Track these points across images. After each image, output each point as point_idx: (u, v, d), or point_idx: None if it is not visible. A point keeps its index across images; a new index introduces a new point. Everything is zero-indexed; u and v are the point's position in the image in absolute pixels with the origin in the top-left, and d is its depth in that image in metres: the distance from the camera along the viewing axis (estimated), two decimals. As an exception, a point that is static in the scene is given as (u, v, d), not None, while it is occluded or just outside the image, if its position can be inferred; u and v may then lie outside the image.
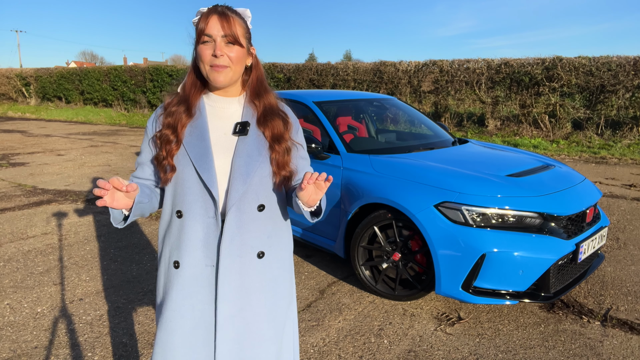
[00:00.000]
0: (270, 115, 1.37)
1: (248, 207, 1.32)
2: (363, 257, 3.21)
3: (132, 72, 18.57)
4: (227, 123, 1.36)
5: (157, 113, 1.40)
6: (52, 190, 6.17)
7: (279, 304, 1.41)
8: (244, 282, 1.33)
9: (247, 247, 1.33)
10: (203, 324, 1.33)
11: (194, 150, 1.30)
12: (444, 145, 3.84)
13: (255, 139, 1.34)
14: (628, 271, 3.53)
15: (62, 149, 10.02)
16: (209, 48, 1.26)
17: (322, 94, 4.19)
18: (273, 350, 1.39)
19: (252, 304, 1.34)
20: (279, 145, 1.35)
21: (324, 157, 3.49)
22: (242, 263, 1.32)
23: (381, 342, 2.60)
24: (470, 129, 11.92)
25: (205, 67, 1.28)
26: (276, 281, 1.40)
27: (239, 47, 1.29)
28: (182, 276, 1.32)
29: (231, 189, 1.30)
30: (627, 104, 10.08)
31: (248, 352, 1.35)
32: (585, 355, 2.47)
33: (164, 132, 1.33)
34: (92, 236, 4.36)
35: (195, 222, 1.31)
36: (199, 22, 1.28)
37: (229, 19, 1.26)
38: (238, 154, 1.31)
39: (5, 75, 23.08)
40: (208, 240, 1.31)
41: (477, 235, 2.63)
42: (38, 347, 2.53)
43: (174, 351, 1.32)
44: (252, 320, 1.34)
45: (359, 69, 13.58)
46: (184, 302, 1.32)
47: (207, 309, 1.33)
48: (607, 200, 5.60)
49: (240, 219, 1.31)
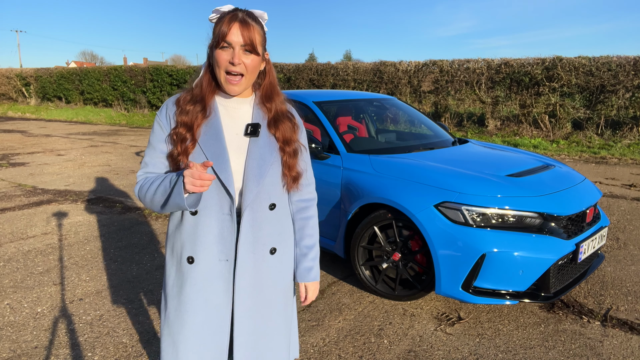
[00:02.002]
0: (280, 118, 1.42)
1: (261, 206, 1.38)
2: (363, 257, 3.21)
3: (132, 72, 18.57)
4: (238, 123, 1.40)
5: (168, 107, 1.39)
6: (52, 190, 6.17)
7: (289, 297, 1.50)
8: (259, 277, 1.40)
9: (260, 245, 1.39)
10: (216, 317, 1.37)
11: (210, 150, 1.33)
12: (444, 145, 3.84)
13: (266, 141, 1.39)
14: (628, 271, 3.53)
15: (62, 149, 10.02)
16: (227, 54, 1.29)
17: (322, 94, 4.19)
18: (285, 342, 1.48)
19: (266, 298, 1.42)
20: (288, 147, 1.41)
21: (324, 157, 3.49)
22: (256, 259, 1.39)
23: (381, 342, 2.61)
24: (470, 129, 11.92)
25: (221, 73, 1.31)
26: (286, 275, 1.48)
27: (256, 55, 1.32)
28: (197, 271, 1.36)
29: (246, 189, 1.35)
30: (627, 104, 10.08)
31: (263, 345, 1.42)
32: (585, 355, 2.47)
33: (179, 130, 1.34)
34: (92, 236, 4.36)
35: (210, 218, 1.35)
36: (220, 26, 1.29)
37: (250, 28, 1.29)
38: (251, 155, 1.36)
39: (5, 75, 23.08)
40: (223, 236, 1.35)
41: (477, 235, 2.63)
42: (38, 347, 2.53)
43: (186, 343, 1.37)
44: (268, 313, 1.42)
45: (359, 69, 13.58)
46: (197, 296, 1.36)
47: (221, 302, 1.37)
48: (607, 200, 5.60)
49: (254, 218, 1.37)
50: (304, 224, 1.53)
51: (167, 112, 1.39)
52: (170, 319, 1.40)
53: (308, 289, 1.54)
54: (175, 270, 1.41)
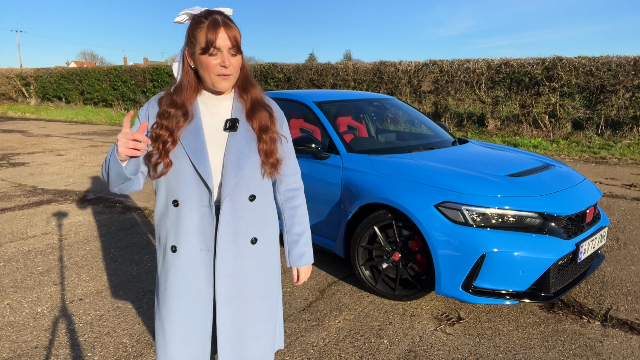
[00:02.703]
0: (257, 108, 1.48)
1: (240, 198, 1.44)
2: (363, 257, 3.21)
3: (132, 72, 18.57)
4: (218, 119, 1.46)
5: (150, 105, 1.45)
6: (52, 190, 6.17)
7: (273, 284, 1.56)
8: (240, 266, 1.46)
9: (241, 235, 1.45)
10: (198, 305, 1.45)
11: (190, 146, 1.40)
12: (444, 145, 3.84)
13: (244, 134, 1.45)
14: (628, 271, 3.53)
15: (62, 149, 10.02)
16: (217, 59, 1.34)
17: (322, 94, 4.19)
18: (269, 327, 1.54)
19: (248, 286, 1.48)
20: (265, 135, 1.46)
21: (324, 157, 3.49)
22: (237, 249, 1.45)
23: (381, 342, 2.61)
24: (470, 129, 11.92)
25: (212, 76, 1.36)
26: (268, 264, 1.54)
27: (240, 54, 1.39)
28: (179, 259, 1.43)
29: (224, 181, 1.41)
30: (627, 104, 10.08)
31: (247, 330, 1.49)
32: (585, 355, 2.47)
33: (161, 133, 1.39)
34: (92, 236, 4.36)
35: (191, 210, 1.41)
36: (203, 33, 1.32)
37: (233, 30, 1.35)
38: (229, 149, 1.42)
39: (5, 75, 23.08)
40: (203, 227, 1.42)
41: (477, 235, 2.63)
42: (38, 347, 2.53)
43: (172, 326, 1.46)
44: (250, 300, 1.49)
45: (359, 69, 13.58)
46: (181, 284, 1.44)
47: (203, 290, 1.45)
48: (607, 200, 5.60)
49: (234, 209, 1.43)
50: (293, 212, 1.60)
51: (148, 109, 1.44)
52: (160, 303, 1.49)
53: (300, 272, 1.64)
54: (162, 258, 1.49)
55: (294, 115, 4.13)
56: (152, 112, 1.43)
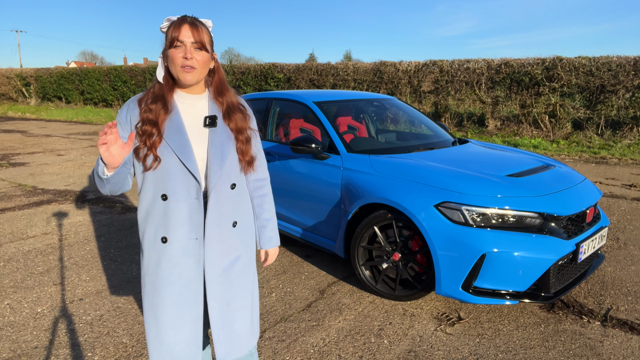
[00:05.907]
0: (232, 110, 1.61)
1: (224, 187, 1.57)
2: (363, 257, 3.21)
3: (132, 72, 18.57)
4: (196, 117, 1.57)
5: (129, 107, 1.54)
6: (52, 190, 6.17)
7: (251, 261, 1.71)
8: (224, 247, 1.59)
9: (224, 219, 1.58)
10: (189, 290, 1.54)
11: (175, 142, 1.50)
12: (444, 145, 3.84)
13: (223, 131, 1.58)
14: (628, 271, 3.53)
15: (62, 149, 10.02)
16: (181, 52, 1.46)
17: (322, 94, 4.19)
18: (250, 301, 1.68)
19: (231, 263, 1.61)
20: (242, 136, 1.61)
21: (324, 157, 3.49)
22: (221, 232, 1.58)
23: (381, 342, 2.61)
24: (470, 129, 11.92)
25: (177, 68, 1.47)
26: (247, 243, 1.68)
27: (205, 52, 1.49)
28: (171, 249, 1.52)
29: (210, 173, 1.53)
30: (627, 104, 10.08)
31: (233, 305, 1.61)
32: (585, 355, 2.47)
33: (145, 127, 1.48)
34: (92, 236, 4.36)
35: (180, 202, 1.51)
36: (172, 30, 1.46)
37: (198, 28, 1.47)
38: (212, 143, 1.55)
39: (5, 75, 23.09)
40: (192, 217, 1.52)
41: (477, 236, 2.63)
42: (38, 347, 2.53)
43: (165, 312, 1.53)
44: (235, 277, 1.62)
45: (359, 69, 13.58)
46: (173, 271, 1.53)
47: (194, 276, 1.54)
48: (607, 200, 5.60)
49: (218, 197, 1.56)
50: (262, 200, 1.78)
51: (128, 112, 1.53)
52: (150, 294, 1.55)
53: (269, 253, 1.84)
54: (151, 250, 1.55)
55: (294, 115, 4.13)
56: (133, 114, 1.52)
